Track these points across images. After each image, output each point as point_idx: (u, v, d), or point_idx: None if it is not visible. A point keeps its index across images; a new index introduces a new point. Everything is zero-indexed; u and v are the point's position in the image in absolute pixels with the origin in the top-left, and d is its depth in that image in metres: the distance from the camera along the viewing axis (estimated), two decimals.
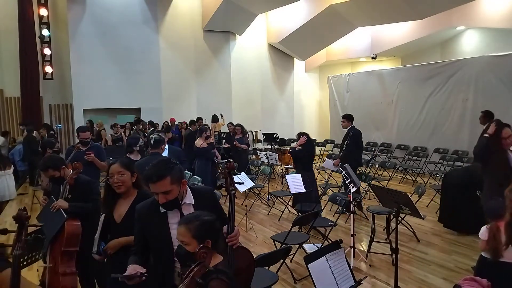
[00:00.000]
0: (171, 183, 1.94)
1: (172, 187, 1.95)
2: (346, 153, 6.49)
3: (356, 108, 11.44)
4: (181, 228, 1.77)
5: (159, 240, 2.03)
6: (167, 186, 1.93)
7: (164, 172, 1.94)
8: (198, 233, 1.74)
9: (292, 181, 5.62)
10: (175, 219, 2.00)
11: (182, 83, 12.65)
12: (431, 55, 12.37)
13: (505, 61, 7.95)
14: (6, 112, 11.64)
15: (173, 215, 2.04)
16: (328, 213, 6.31)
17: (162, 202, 1.95)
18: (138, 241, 2.12)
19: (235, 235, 2.08)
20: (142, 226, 2.09)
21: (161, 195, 1.94)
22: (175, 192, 1.97)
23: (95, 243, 2.41)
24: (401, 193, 3.48)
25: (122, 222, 2.47)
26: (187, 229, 1.74)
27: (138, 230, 2.11)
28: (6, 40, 11.31)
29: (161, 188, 1.93)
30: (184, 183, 2.05)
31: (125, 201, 2.54)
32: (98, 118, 11.93)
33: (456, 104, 8.91)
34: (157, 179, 1.92)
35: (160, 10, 12.10)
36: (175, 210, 2.03)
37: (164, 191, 1.93)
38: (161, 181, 1.92)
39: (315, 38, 12.59)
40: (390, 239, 4.69)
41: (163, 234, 2.01)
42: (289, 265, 4.36)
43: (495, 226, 2.48)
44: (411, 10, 9.61)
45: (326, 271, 2.22)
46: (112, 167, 2.51)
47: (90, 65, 11.23)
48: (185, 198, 2.07)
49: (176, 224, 1.92)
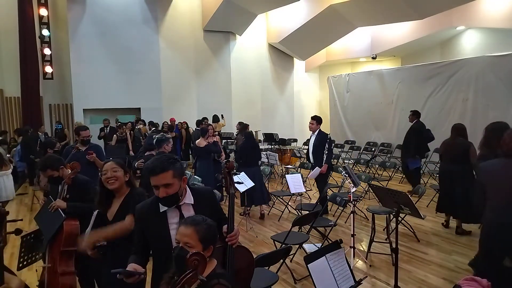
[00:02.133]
0: (173, 176, 1.97)
1: (174, 180, 1.97)
2: (328, 157, 6.20)
3: (356, 108, 11.44)
4: (188, 229, 1.67)
5: (158, 240, 2.04)
6: (169, 179, 1.95)
7: (167, 165, 1.97)
8: (205, 236, 1.67)
9: (292, 181, 5.62)
10: (175, 219, 2.02)
11: (182, 83, 12.65)
12: (431, 55, 12.38)
13: (505, 61, 7.95)
14: (6, 112, 11.64)
15: (173, 215, 2.04)
16: (328, 213, 6.30)
17: (162, 196, 1.96)
18: (138, 241, 2.12)
19: (235, 234, 2.08)
20: (141, 225, 2.09)
21: (162, 189, 1.95)
22: (176, 186, 1.98)
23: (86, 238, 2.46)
24: (401, 193, 3.48)
25: (113, 219, 2.53)
26: (195, 231, 1.66)
27: (138, 229, 2.12)
28: (6, 40, 11.31)
29: (162, 181, 1.95)
30: (185, 180, 2.07)
31: (118, 200, 2.60)
32: (98, 118, 11.95)
33: (456, 104, 8.91)
34: (160, 171, 1.95)
35: (160, 10, 12.10)
36: (175, 210, 2.04)
37: (165, 183, 1.95)
38: (163, 173, 1.95)
39: (315, 38, 12.59)
40: (390, 239, 4.69)
41: (163, 234, 2.02)
42: (289, 265, 4.36)
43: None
44: (411, 10, 9.61)
45: (326, 271, 2.22)
46: (106, 164, 2.60)
47: (90, 65, 11.23)
48: (185, 198, 2.08)
49: (176, 224, 1.93)
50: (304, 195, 7.33)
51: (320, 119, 6.57)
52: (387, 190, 3.77)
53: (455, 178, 5.24)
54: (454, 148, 5.29)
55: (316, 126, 6.43)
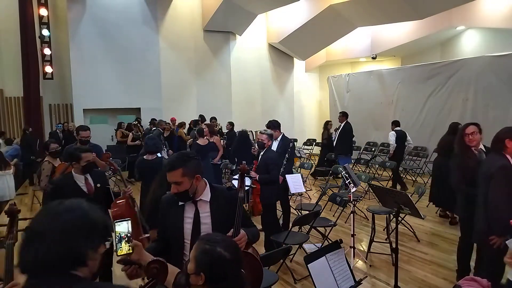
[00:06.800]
0: (182, 175, 2.01)
1: (183, 179, 2.02)
2: (287, 168, 5.54)
3: (356, 108, 11.44)
4: (191, 264, 1.51)
5: (172, 230, 2.13)
6: (178, 177, 2.01)
7: (177, 163, 2.03)
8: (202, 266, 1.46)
9: (292, 181, 5.62)
10: (190, 214, 2.12)
11: (182, 83, 12.65)
12: (431, 55, 12.37)
13: (505, 61, 7.95)
14: (6, 112, 11.63)
15: (189, 209, 2.13)
16: (328, 213, 6.30)
17: (173, 192, 2.06)
18: (160, 229, 2.26)
19: (239, 239, 2.05)
20: (163, 215, 2.22)
21: (173, 185, 2.04)
22: (186, 184, 2.03)
23: None
24: (401, 193, 3.49)
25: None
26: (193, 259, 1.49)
27: (160, 219, 2.24)
28: (6, 40, 11.31)
29: (172, 178, 2.03)
30: (198, 178, 2.08)
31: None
32: (98, 118, 11.95)
33: (456, 104, 8.91)
34: (170, 169, 2.03)
35: (160, 10, 12.10)
36: (191, 205, 2.12)
37: (175, 181, 2.02)
38: (172, 171, 2.02)
39: (315, 38, 12.59)
40: (390, 239, 4.70)
41: (177, 225, 2.11)
42: (289, 265, 4.37)
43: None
44: (412, 10, 9.61)
45: (326, 271, 2.22)
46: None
47: (90, 65, 11.22)
48: (202, 195, 2.13)
49: (191, 218, 2.09)
50: (304, 195, 7.33)
51: (277, 123, 5.51)
52: (387, 190, 3.77)
53: (445, 171, 5.34)
54: (445, 143, 5.71)
55: (276, 133, 5.36)
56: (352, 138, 8.74)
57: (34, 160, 9.06)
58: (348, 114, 8.83)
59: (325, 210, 6.16)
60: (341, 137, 8.67)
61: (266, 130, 4.99)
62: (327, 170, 8.61)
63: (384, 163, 8.39)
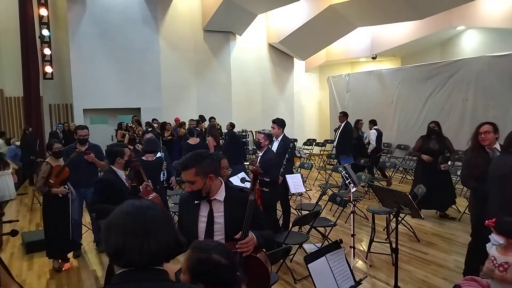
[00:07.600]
0: (195, 174, 2.04)
1: (196, 178, 2.04)
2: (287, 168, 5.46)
3: (356, 108, 11.43)
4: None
5: (186, 227, 2.17)
6: (191, 177, 2.05)
7: (190, 163, 2.06)
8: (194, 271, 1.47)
9: (292, 181, 5.61)
10: (205, 212, 2.15)
11: (182, 83, 12.65)
12: (431, 55, 12.37)
13: (505, 61, 7.95)
14: (6, 112, 11.63)
15: (204, 208, 2.16)
16: (328, 213, 6.31)
17: (188, 191, 2.11)
18: (178, 226, 2.27)
19: (246, 242, 2.01)
20: (181, 211, 2.32)
21: (187, 184, 2.09)
22: (199, 183, 2.05)
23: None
24: (401, 193, 3.48)
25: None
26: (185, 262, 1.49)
27: (179, 216, 2.33)
28: (6, 40, 11.31)
29: (185, 177, 2.08)
30: (212, 177, 2.08)
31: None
32: (98, 118, 11.95)
33: (456, 104, 8.91)
34: (183, 168, 2.08)
35: (160, 10, 12.10)
36: (206, 203, 2.15)
37: (188, 180, 2.07)
38: (186, 171, 2.06)
39: (315, 38, 12.59)
40: (390, 239, 4.69)
41: (191, 223, 2.16)
42: (289, 265, 4.36)
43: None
44: (412, 10, 9.61)
45: (326, 271, 2.22)
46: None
47: (90, 65, 11.22)
48: (216, 194, 2.14)
49: (205, 217, 2.14)
50: (304, 195, 7.33)
51: (283, 122, 5.56)
52: (387, 190, 3.77)
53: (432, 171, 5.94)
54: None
55: (278, 131, 5.42)
56: (352, 138, 8.74)
57: (34, 160, 9.05)
58: (348, 114, 8.83)
59: (325, 210, 6.17)
60: (342, 137, 8.67)
61: (264, 130, 5.00)
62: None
63: (384, 163, 8.39)
